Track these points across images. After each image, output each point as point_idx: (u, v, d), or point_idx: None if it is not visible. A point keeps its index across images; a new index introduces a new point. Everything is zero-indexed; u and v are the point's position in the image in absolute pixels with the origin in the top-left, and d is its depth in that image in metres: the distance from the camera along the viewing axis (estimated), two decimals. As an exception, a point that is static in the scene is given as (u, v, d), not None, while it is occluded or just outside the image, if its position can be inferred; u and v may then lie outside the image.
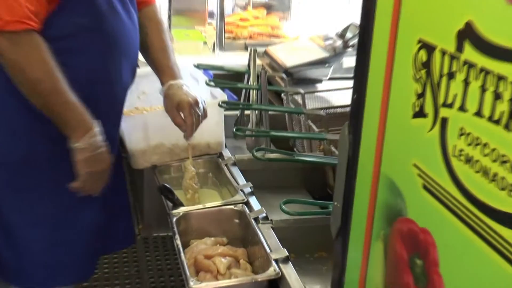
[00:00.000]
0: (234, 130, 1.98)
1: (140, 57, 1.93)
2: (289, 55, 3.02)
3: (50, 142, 1.63)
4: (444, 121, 0.75)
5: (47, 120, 1.57)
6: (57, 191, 1.66)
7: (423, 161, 0.80)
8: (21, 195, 1.64)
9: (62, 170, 1.65)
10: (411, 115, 0.82)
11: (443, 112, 0.75)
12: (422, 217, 0.81)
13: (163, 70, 1.89)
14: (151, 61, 1.92)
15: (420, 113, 0.80)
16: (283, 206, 1.58)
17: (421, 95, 0.80)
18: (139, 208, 3.29)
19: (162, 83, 1.89)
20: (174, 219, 1.76)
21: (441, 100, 0.76)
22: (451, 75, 0.73)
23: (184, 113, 1.83)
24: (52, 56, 1.51)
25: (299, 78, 3.00)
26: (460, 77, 0.71)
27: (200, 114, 1.86)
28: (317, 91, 2.64)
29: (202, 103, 1.87)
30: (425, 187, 0.80)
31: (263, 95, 2.28)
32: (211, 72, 2.73)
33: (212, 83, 2.26)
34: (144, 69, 2.40)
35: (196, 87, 2.22)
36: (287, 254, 1.53)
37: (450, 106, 0.74)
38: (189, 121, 1.84)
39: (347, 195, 1.03)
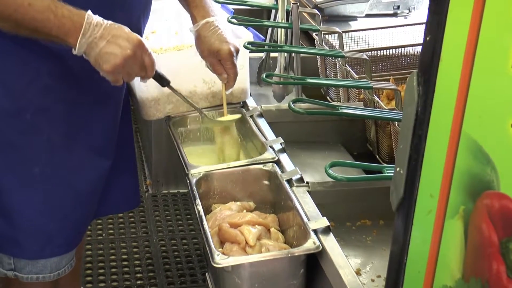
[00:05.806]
0: (264, 76, 1.88)
1: None
2: (319, -13, 2.88)
3: (45, 93, 1.54)
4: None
5: (42, 69, 1.50)
6: (54, 148, 1.58)
7: (526, 121, 0.71)
8: (12, 152, 1.56)
9: (59, 125, 1.57)
10: (510, 61, 0.72)
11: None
12: (522, 192, 0.72)
13: (195, 2, 1.78)
14: None
15: (524, 59, 0.71)
16: (330, 170, 1.49)
17: (526, 35, 0.70)
18: (147, 162, 3.23)
19: (195, 20, 1.78)
20: (194, 181, 1.68)
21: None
22: None
23: (227, 65, 1.77)
24: None
25: (331, 15, 2.87)
26: None
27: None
28: (356, 30, 2.51)
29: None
30: (527, 155, 0.71)
31: (294, 34, 2.16)
32: (231, 8, 2.61)
33: (234, 20, 2.15)
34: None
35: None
36: (328, 223, 1.45)
37: None
38: (233, 73, 1.79)
39: (414, 159, 0.95)
